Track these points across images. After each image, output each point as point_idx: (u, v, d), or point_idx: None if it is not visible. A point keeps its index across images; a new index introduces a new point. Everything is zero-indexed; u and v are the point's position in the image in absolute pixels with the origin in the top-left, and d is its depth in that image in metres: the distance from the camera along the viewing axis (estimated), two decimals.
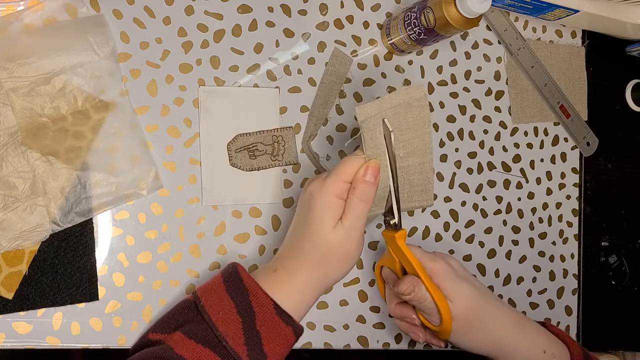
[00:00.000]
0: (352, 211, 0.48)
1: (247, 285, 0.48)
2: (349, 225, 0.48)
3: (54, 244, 0.52)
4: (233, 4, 0.59)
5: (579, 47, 0.74)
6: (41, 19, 0.53)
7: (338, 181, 0.48)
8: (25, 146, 0.52)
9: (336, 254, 0.48)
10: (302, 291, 0.49)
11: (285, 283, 0.48)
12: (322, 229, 0.48)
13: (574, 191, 0.73)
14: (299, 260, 0.49)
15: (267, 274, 0.49)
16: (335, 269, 0.49)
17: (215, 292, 0.48)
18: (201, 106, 0.58)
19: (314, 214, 0.48)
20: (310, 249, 0.48)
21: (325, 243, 0.48)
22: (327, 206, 0.48)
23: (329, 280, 0.50)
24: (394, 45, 0.63)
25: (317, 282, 0.49)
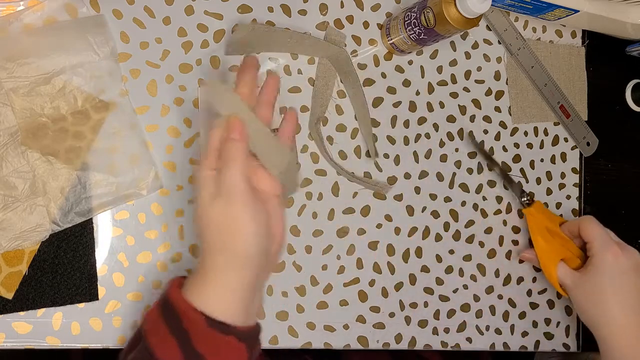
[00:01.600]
0: (223, 176, 0.44)
1: (175, 303, 0.44)
2: (226, 191, 0.43)
3: (54, 244, 0.52)
4: (233, 4, 0.59)
5: (579, 47, 0.74)
6: (41, 19, 0.53)
7: (208, 154, 0.45)
8: (25, 146, 0.51)
9: (231, 228, 0.43)
10: (233, 290, 0.44)
11: (212, 287, 0.44)
12: (203, 208, 0.44)
13: (574, 191, 0.73)
14: (209, 253, 0.45)
15: (195, 280, 0.45)
16: (244, 244, 0.44)
17: (153, 315, 0.45)
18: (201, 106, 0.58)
19: (196, 197, 0.46)
20: (209, 235, 0.44)
21: (213, 222, 0.44)
22: (202, 183, 0.45)
23: (250, 260, 0.44)
24: (394, 45, 0.63)
25: (240, 270, 0.44)
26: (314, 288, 0.60)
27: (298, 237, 0.60)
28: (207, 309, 0.43)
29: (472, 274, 0.67)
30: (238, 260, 0.44)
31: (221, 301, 0.44)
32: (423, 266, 0.65)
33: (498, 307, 0.67)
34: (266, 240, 0.45)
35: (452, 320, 0.65)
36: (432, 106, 0.66)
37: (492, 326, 0.67)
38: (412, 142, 0.65)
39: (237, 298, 0.44)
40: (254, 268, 0.45)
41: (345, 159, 0.62)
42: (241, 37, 0.55)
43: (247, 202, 0.43)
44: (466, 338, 0.66)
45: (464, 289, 0.66)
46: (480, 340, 0.66)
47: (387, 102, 0.65)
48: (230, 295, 0.44)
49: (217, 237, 0.44)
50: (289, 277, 0.60)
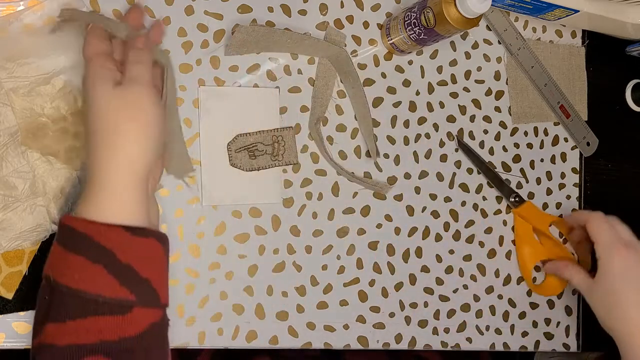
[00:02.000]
0: (134, 69, 0.46)
1: (85, 230, 0.42)
2: (132, 86, 0.45)
3: None
4: (233, 4, 0.59)
5: (579, 47, 0.74)
6: (41, 19, 0.53)
7: (97, 43, 0.48)
8: (25, 146, 0.52)
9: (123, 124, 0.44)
10: (134, 195, 0.44)
11: (111, 197, 0.43)
12: (100, 99, 0.44)
13: (574, 191, 0.73)
14: (99, 155, 0.44)
15: (92, 200, 0.43)
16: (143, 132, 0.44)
17: (58, 259, 0.42)
18: (201, 106, 0.58)
19: (88, 87, 0.46)
20: (101, 131, 0.44)
21: (105, 114, 0.44)
22: (99, 74, 0.46)
23: (143, 156, 0.44)
24: (394, 45, 0.63)
25: (130, 172, 0.44)
26: (314, 288, 0.60)
27: (298, 237, 0.60)
28: (119, 221, 0.42)
29: (472, 274, 0.67)
30: (132, 157, 0.44)
31: (127, 210, 0.43)
32: (423, 266, 0.65)
33: (498, 307, 0.67)
34: (157, 144, 0.46)
35: (452, 320, 0.65)
36: (432, 106, 0.66)
37: (492, 326, 0.67)
38: (412, 142, 0.65)
39: (139, 203, 0.44)
40: (146, 169, 0.45)
41: (345, 159, 0.62)
42: (241, 39, 0.55)
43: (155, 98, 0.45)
44: (466, 338, 0.66)
45: (464, 289, 0.66)
46: (480, 340, 0.66)
47: (387, 102, 0.65)
48: (134, 203, 0.44)
49: (114, 127, 0.44)
50: (289, 277, 0.60)
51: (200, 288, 0.57)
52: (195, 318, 0.56)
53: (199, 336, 0.56)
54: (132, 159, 0.44)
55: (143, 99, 0.45)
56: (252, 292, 0.58)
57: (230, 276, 0.58)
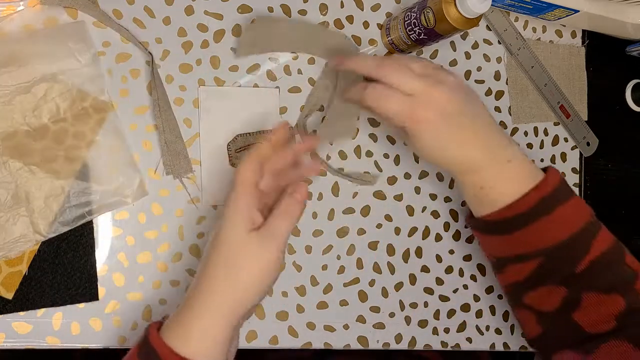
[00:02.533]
0: (276, 225, 0.45)
1: (159, 351, 0.43)
2: (270, 240, 0.44)
3: (54, 244, 0.52)
4: (233, 4, 0.59)
5: (579, 47, 0.74)
6: (21, 26, 0.53)
7: (247, 186, 0.45)
8: (6, 156, 0.51)
9: (249, 269, 0.44)
10: (215, 333, 0.44)
11: (194, 333, 0.43)
12: (231, 240, 0.44)
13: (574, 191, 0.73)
14: (210, 288, 0.44)
15: (178, 322, 0.44)
16: (249, 287, 0.44)
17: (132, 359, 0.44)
18: (201, 106, 0.58)
19: (223, 226, 0.45)
20: (222, 267, 0.44)
21: (235, 256, 0.44)
22: (238, 216, 0.44)
23: (242, 306, 0.44)
24: (394, 45, 0.63)
25: (229, 310, 0.44)
26: (314, 288, 0.60)
27: (298, 237, 0.60)
28: (193, 356, 0.42)
29: (472, 274, 0.67)
30: (237, 301, 0.44)
31: (204, 350, 0.43)
32: (423, 266, 0.65)
33: (498, 307, 0.67)
34: (263, 296, 0.46)
35: (452, 320, 0.65)
36: None
37: (492, 326, 0.67)
38: None
39: (219, 346, 0.44)
40: (242, 316, 0.45)
41: (346, 159, 0.62)
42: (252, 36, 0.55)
43: (280, 258, 0.45)
44: (466, 338, 0.66)
45: (464, 289, 0.66)
46: (480, 340, 0.66)
47: None
48: (214, 344, 0.44)
49: (230, 266, 0.44)
50: (289, 277, 0.60)
51: None
52: None
53: None
54: (237, 307, 0.44)
55: (273, 258, 0.44)
56: None
57: None
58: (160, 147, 0.56)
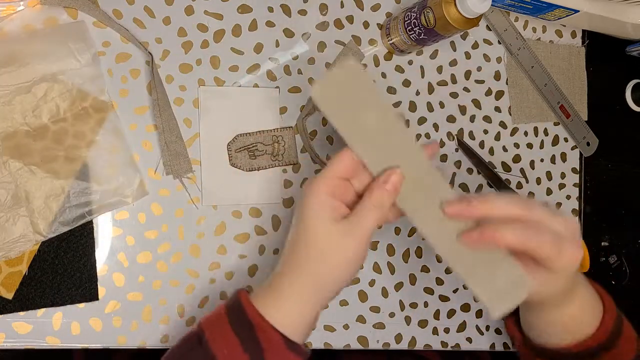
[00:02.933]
0: (364, 215, 0.43)
1: (253, 319, 0.44)
2: (356, 230, 0.43)
3: (54, 244, 0.52)
4: (233, 4, 0.59)
5: (579, 47, 0.74)
6: (21, 26, 0.53)
7: (329, 177, 0.44)
8: (6, 156, 0.51)
9: (334, 259, 0.43)
10: (303, 307, 0.45)
11: (287, 305, 0.44)
12: (316, 230, 0.43)
13: (574, 191, 0.73)
14: (295, 273, 0.45)
15: (265, 293, 0.45)
16: (334, 277, 0.45)
17: (219, 325, 0.45)
18: (201, 106, 0.58)
19: (305, 215, 0.44)
20: (305, 257, 0.44)
21: (320, 246, 0.43)
22: (319, 205, 0.43)
23: (332, 287, 0.45)
24: (394, 45, 0.63)
25: (319, 292, 0.45)
26: None
27: None
28: (282, 329, 0.44)
29: None
30: (323, 289, 0.45)
31: (295, 323, 0.45)
32: (423, 266, 0.65)
33: None
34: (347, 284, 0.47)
35: (452, 320, 0.65)
36: (432, 106, 0.66)
37: (492, 326, 0.67)
38: None
39: (308, 321, 0.46)
40: (328, 296, 0.46)
41: None
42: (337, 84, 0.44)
43: (365, 251, 0.44)
44: (466, 338, 0.66)
45: (464, 289, 0.66)
46: (480, 340, 0.66)
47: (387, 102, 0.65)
48: (304, 319, 0.45)
49: (316, 261, 0.44)
50: None
51: (200, 288, 0.57)
52: (195, 318, 0.56)
53: None
54: (327, 290, 0.45)
55: (359, 249, 0.44)
56: None
57: (230, 276, 0.58)
58: (160, 147, 0.56)
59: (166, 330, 0.55)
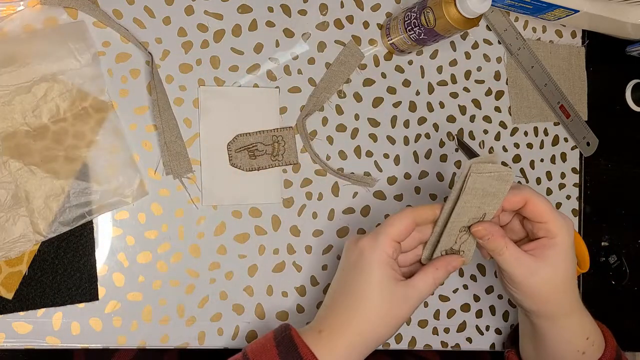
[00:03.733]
0: (425, 286, 0.47)
1: (302, 352, 0.45)
2: (416, 295, 0.47)
3: (54, 244, 0.52)
4: (233, 4, 0.59)
5: (579, 47, 0.74)
6: (21, 26, 0.53)
7: (390, 240, 0.47)
8: (6, 156, 0.51)
9: (391, 320, 0.47)
10: (347, 353, 0.46)
11: (330, 345, 0.46)
12: (373, 291, 0.46)
13: (574, 191, 0.73)
14: (346, 321, 0.46)
15: (313, 335, 0.47)
16: (384, 332, 0.47)
17: (267, 354, 0.46)
18: (201, 106, 0.58)
19: (365, 272, 0.46)
20: (358, 311, 0.46)
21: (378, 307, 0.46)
22: (382, 264, 0.46)
23: (374, 343, 0.47)
24: (394, 45, 0.63)
25: (363, 343, 0.47)
26: (314, 288, 0.60)
27: (298, 237, 0.60)
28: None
29: (472, 274, 0.67)
30: (372, 342, 0.47)
31: (335, 357, 0.46)
32: None
33: (498, 307, 0.67)
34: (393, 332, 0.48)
35: (452, 320, 0.65)
36: (432, 106, 0.66)
37: (492, 326, 0.67)
38: (412, 142, 0.65)
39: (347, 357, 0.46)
40: (375, 346, 0.47)
41: (346, 159, 0.62)
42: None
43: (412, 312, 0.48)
44: (466, 338, 0.66)
45: (464, 289, 0.66)
46: (480, 340, 0.66)
47: (387, 102, 0.65)
48: (343, 354, 0.46)
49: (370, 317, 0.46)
50: (289, 277, 0.60)
51: (200, 288, 0.57)
52: (195, 318, 0.56)
53: (199, 336, 0.56)
54: (369, 337, 0.47)
55: (410, 312, 0.47)
56: (252, 292, 0.58)
57: (230, 276, 0.58)
58: (160, 147, 0.56)
59: (166, 330, 0.55)
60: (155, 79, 0.55)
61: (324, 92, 0.61)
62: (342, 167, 0.62)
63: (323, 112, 0.62)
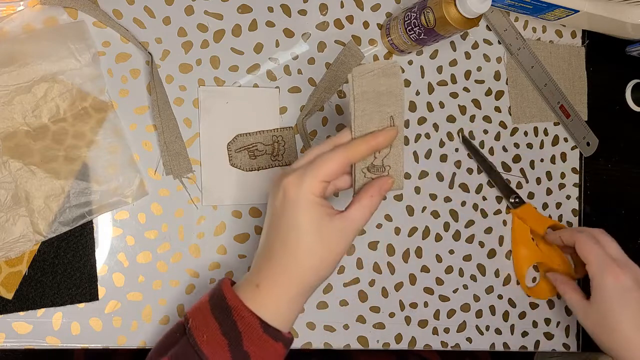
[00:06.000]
0: (360, 215, 0.45)
1: (231, 303, 0.44)
2: (351, 227, 0.45)
3: (54, 244, 0.52)
4: (233, 4, 0.59)
5: (579, 47, 0.74)
6: (21, 26, 0.53)
7: (318, 181, 0.44)
8: (6, 156, 0.51)
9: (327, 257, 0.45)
10: (289, 303, 0.45)
11: (269, 298, 0.45)
12: (308, 228, 0.43)
13: (574, 191, 0.73)
14: (282, 271, 0.45)
15: (250, 289, 0.45)
16: (324, 273, 0.46)
17: (201, 312, 0.45)
18: (201, 106, 0.58)
19: (292, 216, 0.44)
20: (291, 255, 0.44)
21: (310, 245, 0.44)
22: (309, 204, 0.44)
23: (316, 284, 0.46)
24: (394, 45, 0.63)
25: (304, 289, 0.45)
26: None
27: None
28: (262, 314, 0.44)
29: (472, 274, 0.67)
30: (312, 284, 0.45)
31: (275, 309, 0.45)
32: (423, 266, 0.65)
33: (498, 307, 0.67)
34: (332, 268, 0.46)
35: (452, 320, 0.65)
36: (432, 106, 0.66)
37: (492, 326, 0.67)
38: (412, 142, 0.65)
39: (289, 308, 0.45)
40: (316, 287, 0.46)
41: None
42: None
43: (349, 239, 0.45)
44: (466, 338, 0.66)
45: (464, 289, 0.66)
46: (480, 340, 0.66)
47: None
48: (285, 305, 0.45)
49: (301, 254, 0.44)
50: None
51: (200, 288, 0.57)
52: None
53: None
54: (310, 282, 0.45)
55: (348, 245, 0.45)
56: None
57: (230, 276, 0.58)
58: (159, 147, 0.56)
59: (166, 330, 0.55)
60: (155, 79, 0.55)
61: (324, 92, 0.61)
62: None
63: (323, 112, 0.62)
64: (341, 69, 0.62)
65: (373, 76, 0.44)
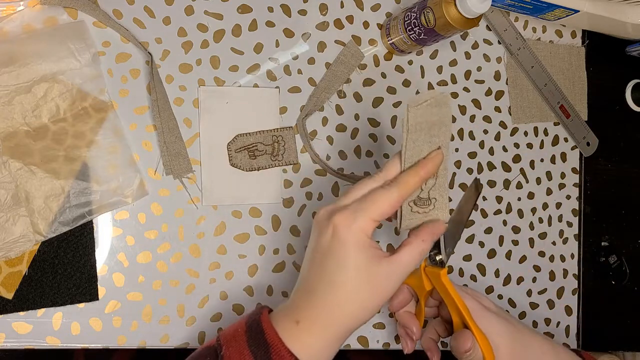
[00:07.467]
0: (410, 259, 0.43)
1: (270, 340, 0.42)
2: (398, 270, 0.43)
3: (54, 244, 0.52)
4: (233, 4, 0.59)
5: (579, 47, 0.74)
6: (21, 26, 0.53)
7: (371, 221, 0.42)
8: (6, 156, 0.51)
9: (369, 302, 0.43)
10: (327, 345, 0.43)
11: (309, 338, 0.42)
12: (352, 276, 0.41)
13: (574, 191, 0.73)
14: (324, 310, 0.42)
15: (290, 325, 0.43)
16: (366, 317, 0.43)
17: (236, 342, 0.43)
18: (201, 106, 0.58)
19: (341, 256, 0.42)
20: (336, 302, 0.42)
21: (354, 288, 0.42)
22: (359, 247, 0.41)
23: (356, 327, 0.44)
24: (394, 45, 0.63)
25: (344, 330, 0.43)
26: None
27: (298, 237, 0.60)
28: (300, 355, 0.42)
29: (472, 274, 0.67)
30: (353, 326, 0.43)
31: (314, 351, 0.42)
32: None
33: None
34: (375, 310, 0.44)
35: None
36: None
37: None
38: None
39: (328, 350, 0.43)
40: (352, 326, 0.44)
41: (346, 159, 0.62)
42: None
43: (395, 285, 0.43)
44: None
45: None
46: None
47: (387, 102, 0.65)
48: (323, 346, 0.43)
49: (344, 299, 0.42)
50: (289, 277, 0.60)
51: (200, 288, 0.57)
52: (195, 318, 0.56)
53: (199, 336, 0.56)
54: (350, 324, 0.43)
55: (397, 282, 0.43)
56: (252, 292, 0.58)
57: (230, 276, 0.58)
58: (159, 147, 0.56)
59: (166, 330, 0.55)
60: (155, 79, 0.55)
61: (324, 92, 0.61)
62: (342, 167, 0.62)
63: (323, 112, 0.62)
64: (341, 69, 0.62)
65: (427, 106, 0.44)
